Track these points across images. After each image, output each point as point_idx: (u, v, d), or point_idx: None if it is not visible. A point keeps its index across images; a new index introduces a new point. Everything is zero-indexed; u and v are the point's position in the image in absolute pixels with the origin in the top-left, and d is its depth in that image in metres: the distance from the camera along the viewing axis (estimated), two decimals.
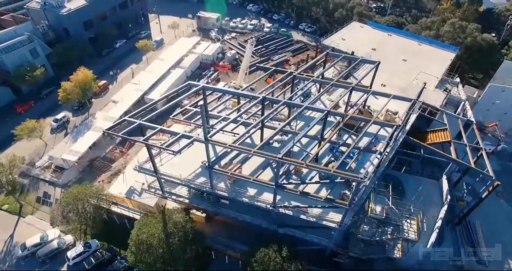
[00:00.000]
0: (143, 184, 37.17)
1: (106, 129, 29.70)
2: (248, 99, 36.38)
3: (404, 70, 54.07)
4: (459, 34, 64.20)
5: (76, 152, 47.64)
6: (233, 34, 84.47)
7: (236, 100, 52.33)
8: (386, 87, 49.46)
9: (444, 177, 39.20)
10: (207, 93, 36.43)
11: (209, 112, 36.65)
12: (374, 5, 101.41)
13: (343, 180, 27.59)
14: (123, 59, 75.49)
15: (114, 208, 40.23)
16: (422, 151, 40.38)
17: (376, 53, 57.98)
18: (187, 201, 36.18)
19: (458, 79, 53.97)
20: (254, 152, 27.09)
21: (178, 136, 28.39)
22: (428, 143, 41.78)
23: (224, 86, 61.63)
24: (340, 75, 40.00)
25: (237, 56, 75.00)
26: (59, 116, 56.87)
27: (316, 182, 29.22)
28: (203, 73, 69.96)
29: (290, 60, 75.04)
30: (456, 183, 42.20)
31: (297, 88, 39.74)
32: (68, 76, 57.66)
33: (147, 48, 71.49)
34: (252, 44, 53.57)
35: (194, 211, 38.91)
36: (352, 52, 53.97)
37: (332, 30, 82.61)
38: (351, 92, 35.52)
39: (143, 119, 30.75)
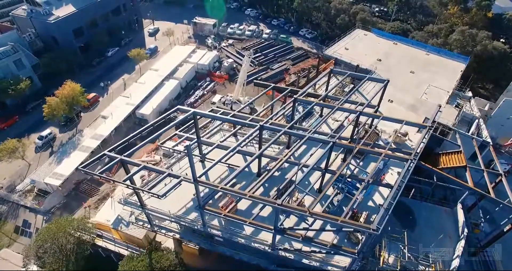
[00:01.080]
0: (132, 213, 33.87)
1: (81, 167, 26.17)
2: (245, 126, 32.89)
3: (412, 84, 50.62)
4: (469, 42, 60.68)
5: (61, 175, 44.22)
6: (230, 41, 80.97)
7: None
8: (394, 103, 46.09)
9: (459, 206, 35.78)
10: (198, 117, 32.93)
11: (201, 139, 33.19)
12: (377, 9, 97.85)
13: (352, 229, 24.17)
14: (115, 69, 72.00)
15: (99, 242, 36.79)
16: (434, 177, 36.94)
17: (381, 65, 54.59)
18: (177, 235, 32.90)
19: (470, 94, 50.53)
20: (249, 196, 23.67)
21: (165, 175, 24.95)
22: (440, 167, 38.36)
23: (220, 99, 58.19)
24: (347, 97, 36.43)
25: (234, 65, 71.52)
26: (44, 133, 53.42)
27: (321, 229, 25.80)
28: (199, 84, 66.48)
29: (290, 69, 71.55)
30: (471, 208, 38.85)
31: (299, 111, 36.35)
32: (57, 88, 54.49)
33: (139, 57, 68.02)
34: (249, 56, 50.12)
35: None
36: (357, 67, 50.59)
37: (334, 36, 79.51)
38: (359, 117, 32.07)
39: (126, 154, 27.15)
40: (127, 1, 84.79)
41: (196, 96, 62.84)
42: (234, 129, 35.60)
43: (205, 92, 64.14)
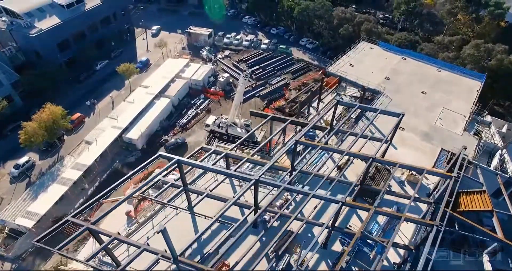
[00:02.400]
0: None
1: (35, 240, 21.63)
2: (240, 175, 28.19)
3: (425, 107, 46.01)
4: (484, 57, 56.06)
5: (35, 213, 39.65)
6: (227, 52, 76.35)
7: (227, 146, 44.56)
8: (406, 131, 41.51)
9: (486, 258, 31.26)
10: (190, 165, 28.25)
11: (188, 186, 28.56)
12: (381, 15, 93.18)
13: None
14: (104, 84, 67.33)
15: None
16: (456, 224, 32.40)
17: (390, 84, 50.01)
18: None
19: (489, 118, 45.94)
20: None
21: (141, 249, 20.31)
22: (460, 210, 33.80)
23: (214, 121, 53.53)
24: (353, 141, 31.89)
25: (230, 80, 66.93)
26: (21, 160, 48.84)
27: None
28: (192, 101, 61.82)
29: (291, 84, 66.94)
30: (494, 253, 34.38)
31: (300, 156, 31.86)
32: (41, 106, 50.11)
33: (129, 73, 63.39)
34: (245, 77, 45.55)
35: None
36: (364, 90, 46.02)
37: (336, 46, 75.02)
38: (372, 164, 27.48)
39: (94, 221, 22.56)
40: (118, 10, 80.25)
41: (189, 116, 58.24)
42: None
43: (199, 111, 59.52)
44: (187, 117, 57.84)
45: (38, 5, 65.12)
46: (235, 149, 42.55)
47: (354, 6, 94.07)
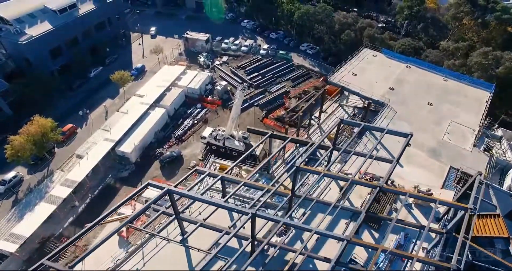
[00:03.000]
0: None
1: None
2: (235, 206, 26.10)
3: (432, 120, 43.80)
4: (492, 65, 53.81)
5: (19, 236, 37.46)
6: (225, 58, 74.08)
7: (224, 163, 42.41)
8: (412, 147, 39.23)
9: None
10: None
11: (181, 215, 26.34)
12: (383, 19, 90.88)
13: None
14: (98, 93, 65.08)
15: None
16: (468, 252, 30.17)
17: (395, 95, 47.79)
18: None
19: (500, 132, 43.71)
20: None
21: None
22: (473, 235, 31.54)
23: (211, 133, 51.28)
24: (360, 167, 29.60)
25: (228, 88, 64.69)
26: (8, 176, 46.68)
27: None
28: (189, 111, 59.57)
29: (291, 92, 64.70)
30: None
31: (301, 180, 29.66)
32: (33, 116, 48.11)
33: (123, 81, 61.17)
34: (243, 90, 43.37)
35: None
36: (369, 104, 43.76)
37: (338, 52, 72.67)
38: (379, 192, 25.24)
39: (72, 263, 20.34)
40: (113, 14, 78.00)
41: (185, 127, 56.00)
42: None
43: (195, 121, 57.27)
44: (183, 128, 55.62)
45: (29, 11, 62.86)
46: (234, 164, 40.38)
47: (355, 9, 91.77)
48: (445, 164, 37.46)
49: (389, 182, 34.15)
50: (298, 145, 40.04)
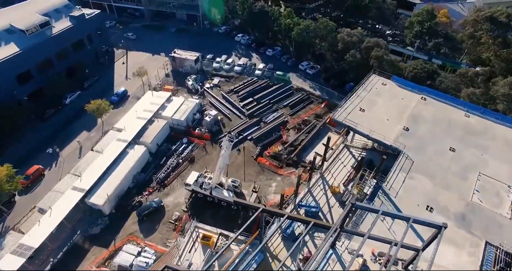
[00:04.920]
0: None
1: None
2: None
3: (456, 172, 36.84)
4: None
5: None
6: (216, 80, 66.98)
7: (208, 229, 35.63)
8: (435, 212, 32.44)
9: None
10: None
11: None
12: (389, 31, 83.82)
13: None
14: (73, 123, 57.95)
15: None
16: None
17: (410, 137, 40.83)
18: None
19: None
20: None
21: None
22: None
23: (197, 180, 44.15)
24: None
25: (219, 118, 57.65)
26: None
27: None
28: (173, 147, 52.50)
29: (289, 121, 57.69)
30: None
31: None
32: None
33: (100, 112, 54.16)
34: (230, 140, 36.45)
35: None
36: (383, 159, 36.70)
37: (341, 72, 65.48)
38: None
39: None
40: (94, 30, 70.84)
41: (168, 167, 49.03)
42: None
43: (180, 160, 50.28)
44: (166, 170, 48.60)
45: None
46: (218, 234, 33.76)
47: (360, 21, 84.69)
48: (478, 237, 30.58)
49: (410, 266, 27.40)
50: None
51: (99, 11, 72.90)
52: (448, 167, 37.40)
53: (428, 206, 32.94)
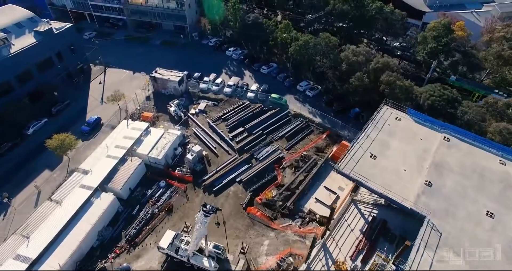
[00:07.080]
0: None
1: None
2: None
3: (499, 249, 28.75)
4: None
5: None
6: (202, 105, 58.75)
7: None
8: None
9: None
10: None
11: None
12: (397, 44, 75.57)
13: None
14: (34, 159, 49.74)
15: None
16: None
17: (434, 196, 32.78)
18: None
19: None
20: None
21: None
22: None
23: (172, 242, 36.01)
24: None
25: (204, 154, 49.43)
26: None
27: None
28: (148, 193, 44.32)
29: (286, 158, 49.52)
30: None
31: None
32: None
33: (63, 149, 46.04)
34: (206, 215, 28.44)
35: None
36: (404, 248, 28.51)
37: (345, 94, 57.15)
38: None
39: None
40: (65, 47, 62.44)
41: (141, 221, 40.91)
42: None
43: (156, 210, 42.16)
44: (137, 224, 40.49)
45: None
46: None
47: (365, 31, 76.37)
48: None
49: None
50: None
51: (71, 24, 64.36)
52: (488, 241, 29.38)
53: None
